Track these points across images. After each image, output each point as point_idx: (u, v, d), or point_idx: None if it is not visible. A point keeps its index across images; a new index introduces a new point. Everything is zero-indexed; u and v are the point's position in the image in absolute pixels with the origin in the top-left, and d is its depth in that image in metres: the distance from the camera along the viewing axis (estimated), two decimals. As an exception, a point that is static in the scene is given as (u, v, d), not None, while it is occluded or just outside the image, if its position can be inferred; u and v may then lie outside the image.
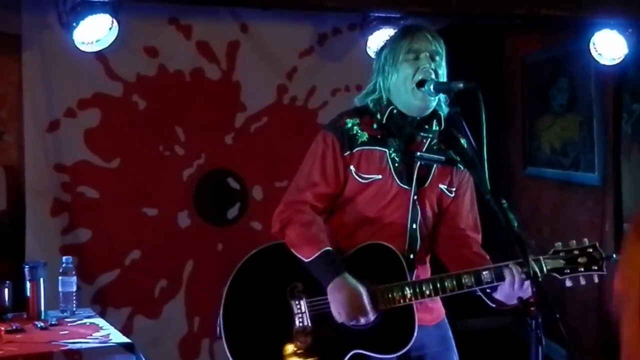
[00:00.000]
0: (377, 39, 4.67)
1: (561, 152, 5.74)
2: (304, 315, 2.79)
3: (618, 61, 4.98)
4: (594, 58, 5.01)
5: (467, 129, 2.62)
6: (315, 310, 2.79)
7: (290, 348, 2.78)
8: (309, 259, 2.77)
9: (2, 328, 3.45)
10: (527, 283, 2.68)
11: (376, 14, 4.77)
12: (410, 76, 2.81)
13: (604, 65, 5.04)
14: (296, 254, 2.80)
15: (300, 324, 2.78)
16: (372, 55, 3.24)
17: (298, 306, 2.79)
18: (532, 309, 2.35)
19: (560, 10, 4.64)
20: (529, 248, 2.58)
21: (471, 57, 5.46)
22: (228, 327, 2.82)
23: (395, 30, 3.05)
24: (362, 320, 2.74)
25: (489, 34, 6.00)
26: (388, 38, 3.05)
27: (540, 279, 2.50)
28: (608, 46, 4.94)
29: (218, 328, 2.83)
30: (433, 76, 2.80)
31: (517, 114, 6.14)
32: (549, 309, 2.35)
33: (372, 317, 2.74)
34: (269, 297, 2.82)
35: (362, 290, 2.73)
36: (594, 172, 5.44)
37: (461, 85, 2.68)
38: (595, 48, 4.97)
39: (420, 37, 2.85)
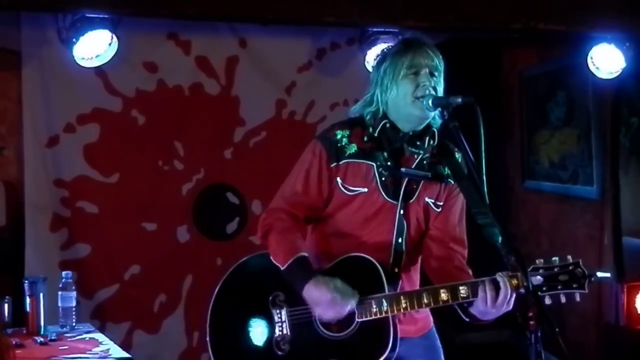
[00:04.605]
0: (376, 53, 4.68)
1: (559, 165, 5.75)
2: (284, 324, 2.83)
3: (616, 75, 4.99)
4: (591, 72, 5.03)
5: (465, 143, 2.62)
6: (295, 319, 2.83)
7: (270, 356, 2.83)
8: (283, 267, 2.80)
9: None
10: (500, 300, 2.68)
11: (374, 29, 4.79)
12: (410, 92, 2.80)
13: (602, 79, 5.06)
14: (274, 262, 2.84)
15: (280, 333, 2.83)
16: (371, 69, 3.25)
17: (279, 315, 2.84)
18: (532, 322, 2.35)
19: (557, 24, 4.66)
20: (509, 264, 2.59)
21: (469, 72, 5.49)
22: (213, 333, 2.91)
23: (396, 42, 3.05)
24: (346, 309, 2.74)
25: (486, 49, 6.02)
26: (387, 49, 3.05)
27: (535, 293, 2.51)
28: (606, 60, 4.95)
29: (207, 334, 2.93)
30: (432, 93, 2.81)
31: (516, 128, 6.15)
32: (548, 323, 2.35)
33: (354, 301, 2.74)
34: (253, 305, 2.87)
35: (334, 284, 2.73)
36: (592, 186, 5.45)
37: (459, 100, 2.68)
38: (592, 62, 4.99)
39: (421, 52, 2.85)
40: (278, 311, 2.84)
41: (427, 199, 2.91)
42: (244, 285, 2.92)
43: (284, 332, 2.83)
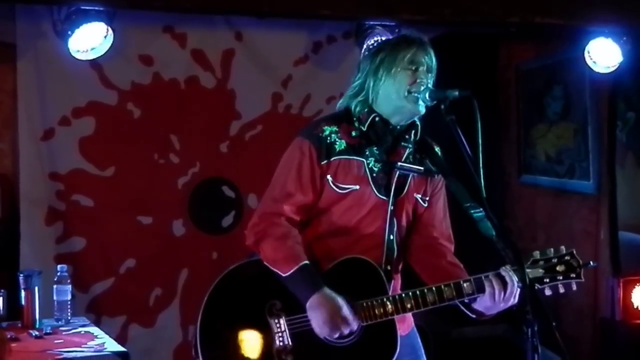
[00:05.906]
0: (370, 43, 4.69)
1: (556, 160, 5.75)
2: (284, 333, 2.72)
3: (613, 69, 4.99)
4: (588, 66, 5.03)
5: (462, 137, 2.61)
6: (295, 328, 2.73)
7: None
8: (286, 274, 2.71)
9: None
10: (507, 294, 2.69)
11: (371, 22, 4.78)
12: (405, 85, 2.79)
13: (599, 73, 5.06)
14: (272, 269, 2.74)
15: (281, 343, 2.72)
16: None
17: (277, 325, 2.72)
18: (528, 316, 2.35)
19: (554, 18, 4.66)
20: (507, 257, 2.59)
21: (466, 66, 5.48)
22: (205, 348, 2.76)
23: (393, 37, 3.03)
24: (346, 332, 2.69)
25: (483, 42, 6.01)
26: (385, 41, 3.02)
27: (532, 287, 2.51)
28: (603, 54, 4.95)
29: (194, 349, 2.79)
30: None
31: (512, 122, 6.15)
32: (545, 317, 2.35)
33: (355, 327, 2.71)
34: (247, 316, 2.75)
35: (342, 302, 2.68)
36: (588, 180, 5.45)
37: (456, 93, 2.67)
38: (589, 56, 4.99)
39: (423, 49, 2.83)
40: (276, 320, 2.73)
41: (416, 195, 2.90)
42: (235, 296, 2.79)
43: (285, 342, 2.71)
